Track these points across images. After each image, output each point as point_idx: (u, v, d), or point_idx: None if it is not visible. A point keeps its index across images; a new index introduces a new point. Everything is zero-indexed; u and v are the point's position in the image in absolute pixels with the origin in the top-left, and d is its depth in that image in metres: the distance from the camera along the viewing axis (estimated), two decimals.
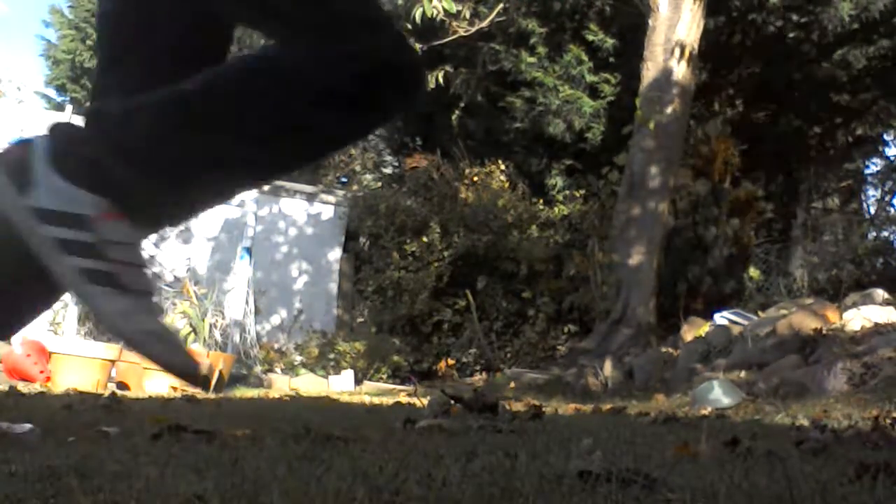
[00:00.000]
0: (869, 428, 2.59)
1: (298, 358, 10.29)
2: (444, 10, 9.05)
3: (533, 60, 11.33)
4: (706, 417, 3.33)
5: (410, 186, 12.15)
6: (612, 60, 11.31)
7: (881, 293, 6.97)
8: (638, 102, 9.05)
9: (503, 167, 11.55)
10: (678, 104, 8.88)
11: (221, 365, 7.96)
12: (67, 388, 5.56)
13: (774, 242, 11.70)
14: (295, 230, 12.40)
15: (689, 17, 8.86)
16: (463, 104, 12.11)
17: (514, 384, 7.78)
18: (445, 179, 11.62)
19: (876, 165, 15.50)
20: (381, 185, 14.52)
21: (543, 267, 10.50)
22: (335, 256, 12.30)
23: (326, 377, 9.56)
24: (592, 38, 11.21)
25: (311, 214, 12.45)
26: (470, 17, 9.94)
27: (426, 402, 3.34)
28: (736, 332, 7.05)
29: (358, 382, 9.40)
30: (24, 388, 5.20)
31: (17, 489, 1.09)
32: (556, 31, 11.77)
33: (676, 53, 8.78)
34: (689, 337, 7.67)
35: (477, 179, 11.44)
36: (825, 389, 4.83)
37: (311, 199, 12.57)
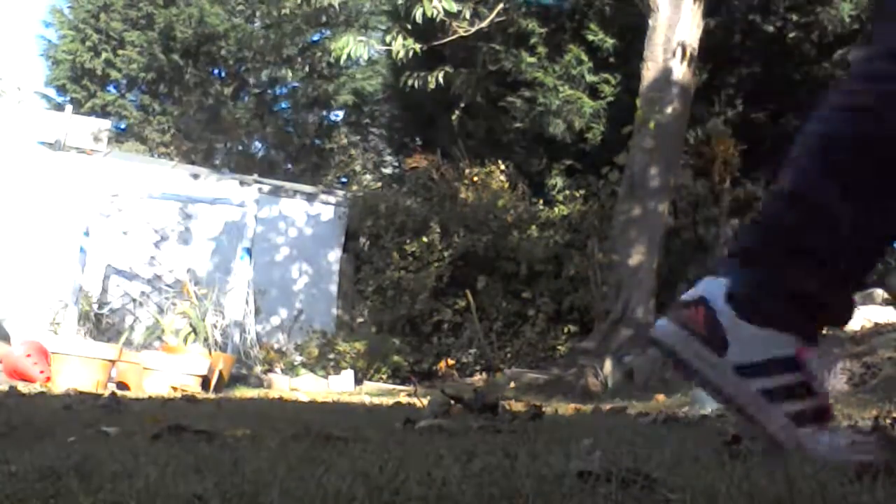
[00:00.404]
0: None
1: (298, 358, 10.29)
2: (444, 10, 9.05)
3: (533, 60, 11.32)
4: (706, 417, 3.32)
5: (410, 186, 12.15)
6: (612, 60, 11.31)
7: (881, 293, 6.98)
8: (638, 102, 9.04)
9: (503, 167, 11.54)
10: (678, 104, 8.87)
11: (221, 365, 7.97)
12: (67, 388, 5.56)
13: None
14: (295, 230, 12.40)
15: (689, 17, 8.86)
16: (463, 104, 12.11)
17: (514, 384, 7.78)
18: (445, 179, 11.62)
19: None
20: (381, 185, 14.54)
21: (543, 267, 10.50)
22: (335, 257, 12.30)
23: (326, 377, 9.56)
24: (592, 38, 11.21)
25: (311, 214, 12.45)
26: (470, 17, 9.93)
27: (426, 402, 3.34)
28: None
29: (358, 382, 9.40)
30: (24, 388, 5.20)
31: (17, 489, 1.09)
32: (556, 31, 11.77)
33: (677, 53, 8.78)
34: None
35: (477, 179, 11.44)
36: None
37: (311, 199, 12.57)
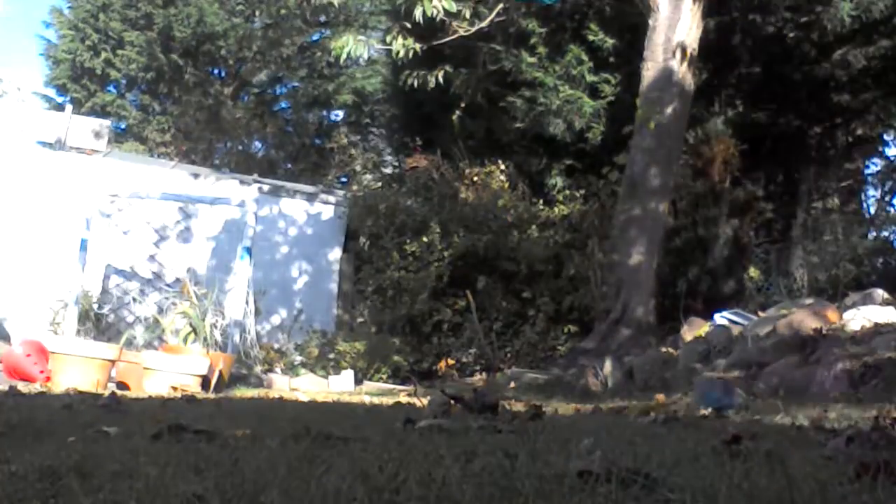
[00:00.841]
0: (869, 428, 2.58)
1: (298, 358, 10.28)
2: (444, 9, 9.04)
3: (533, 60, 11.31)
4: (706, 417, 3.33)
5: (410, 186, 12.15)
6: (612, 60, 11.30)
7: (881, 293, 6.98)
8: (638, 102, 9.04)
9: (503, 167, 11.54)
10: (678, 104, 8.88)
11: (221, 365, 7.96)
12: (67, 387, 5.56)
13: (774, 242, 11.69)
14: (295, 230, 12.40)
15: (689, 17, 8.86)
16: (463, 104, 12.10)
17: (514, 384, 7.77)
18: (445, 179, 11.62)
19: (876, 165, 15.48)
20: (381, 185, 14.53)
21: (543, 267, 10.50)
22: (335, 256, 12.30)
23: (326, 377, 9.55)
24: (592, 38, 11.20)
25: (311, 214, 12.45)
26: (470, 17, 9.92)
27: (426, 402, 3.34)
28: (736, 332, 7.06)
29: (358, 382, 9.39)
30: (24, 387, 5.20)
31: (17, 489, 1.09)
32: (556, 31, 11.76)
33: (677, 53, 8.78)
34: (689, 337, 7.67)
35: (477, 179, 11.44)
36: (825, 389, 4.83)
37: (311, 199, 12.57)
